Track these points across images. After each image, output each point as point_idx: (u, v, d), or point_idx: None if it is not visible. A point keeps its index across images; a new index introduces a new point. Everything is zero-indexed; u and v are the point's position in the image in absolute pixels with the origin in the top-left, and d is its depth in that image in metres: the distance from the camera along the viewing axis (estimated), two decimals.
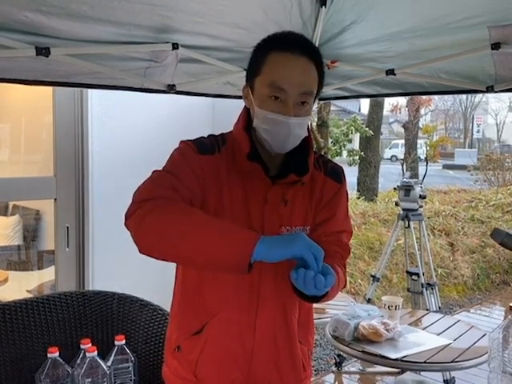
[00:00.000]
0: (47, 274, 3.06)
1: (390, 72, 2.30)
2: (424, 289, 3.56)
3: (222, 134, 1.23)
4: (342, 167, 1.32)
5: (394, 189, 4.03)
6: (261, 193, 1.16)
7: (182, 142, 1.18)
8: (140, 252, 1.06)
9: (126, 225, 1.07)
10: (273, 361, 1.22)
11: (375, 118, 9.46)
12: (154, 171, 1.14)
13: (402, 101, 14.32)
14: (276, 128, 1.11)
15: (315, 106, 2.98)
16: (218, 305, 1.18)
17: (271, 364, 1.22)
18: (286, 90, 1.09)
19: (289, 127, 1.11)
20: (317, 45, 2.33)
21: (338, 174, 1.27)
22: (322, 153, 6.89)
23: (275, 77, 1.10)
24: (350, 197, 1.35)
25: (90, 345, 1.52)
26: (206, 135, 1.24)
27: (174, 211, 1.02)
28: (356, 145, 10.51)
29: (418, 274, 3.66)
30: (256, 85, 1.14)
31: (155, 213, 1.02)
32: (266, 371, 1.21)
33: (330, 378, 3.47)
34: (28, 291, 3.16)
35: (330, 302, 3.37)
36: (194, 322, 1.20)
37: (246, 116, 1.19)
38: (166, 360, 1.30)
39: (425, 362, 2.07)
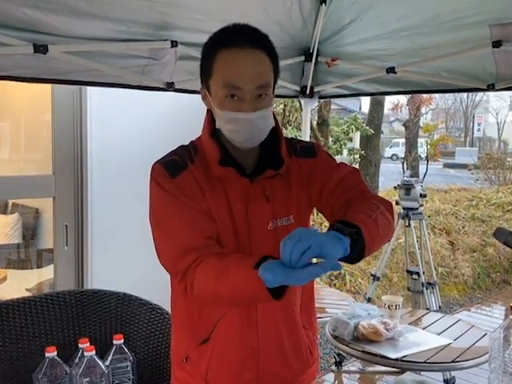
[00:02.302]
0: (46, 273, 3.05)
1: (391, 70, 2.29)
2: (424, 288, 3.56)
3: (192, 142, 1.22)
4: (313, 142, 1.30)
5: (395, 188, 4.02)
6: (241, 194, 1.15)
7: (152, 169, 1.16)
8: None
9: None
10: (280, 353, 1.21)
11: (376, 116, 9.44)
12: (158, 232, 1.14)
13: (403, 99, 14.35)
14: (238, 126, 1.10)
15: (315, 105, 2.97)
16: (222, 309, 1.17)
17: (279, 357, 1.21)
18: (240, 87, 1.08)
19: (251, 123, 1.09)
20: (317, 43, 2.33)
21: (309, 150, 1.25)
22: None
23: (228, 76, 1.08)
24: None
25: (88, 344, 1.51)
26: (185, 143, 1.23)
27: (201, 287, 1.07)
28: (356, 143, 10.49)
29: (418, 273, 3.65)
30: (211, 86, 1.12)
31: (194, 290, 1.08)
32: (275, 364, 1.21)
33: (330, 377, 3.47)
34: (27, 290, 3.16)
35: (329, 301, 3.35)
36: (202, 330, 1.19)
37: (210, 120, 1.17)
38: (174, 373, 1.29)
39: (425, 362, 2.06)
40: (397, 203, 3.96)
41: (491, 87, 2.16)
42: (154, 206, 1.16)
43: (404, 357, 2.07)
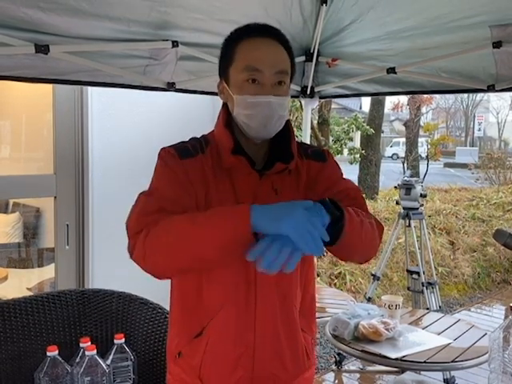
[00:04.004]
0: (47, 272, 3.06)
1: (391, 70, 2.29)
2: (424, 288, 3.56)
3: (204, 136, 1.23)
4: (324, 149, 1.32)
5: (395, 187, 4.02)
6: (250, 187, 1.15)
7: (162, 149, 1.17)
8: (159, 278, 1.07)
9: (133, 260, 1.07)
10: (276, 354, 1.21)
11: (376, 116, 9.44)
12: (140, 195, 1.13)
13: (404, 99, 14.34)
14: (257, 110, 1.11)
15: (316, 104, 2.97)
16: (218, 304, 1.17)
17: (275, 358, 1.21)
18: (261, 69, 1.10)
19: (270, 107, 1.11)
20: (317, 43, 2.33)
21: (320, 155, 1.27)
22: None
23: (249, 59, 1.11)
24: None
25: (89, 343, 1.52)
26: (199, 134, 1.24)
27: (166, 228, 1.01)
28: (357, 143, 10.49)
29: (418, 273, 3.65)
30: (231, 74, 1.15)
31: (151, 238, 1.02)
32: (270, 365, 1.20)
33: (330, 376, 3.47)
34: (28, 289, 3.16)
35: (329, 300, 3.35)
36: (194, 325, 1.19)
37: (226, 113, 1.19)
38: (169, 368, 1.29)
39: (425, 362, 2.06)
40: (397, 203, 3.96)
41: (491, 88, 2.16)
42: (153, 178, 1.16)
43: (404, 356, 2.07)
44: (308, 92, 2.60)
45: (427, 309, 3.43)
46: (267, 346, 1.19)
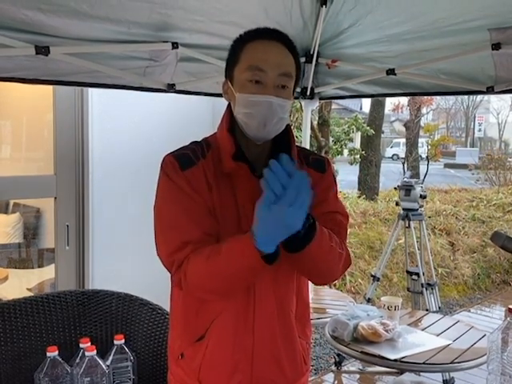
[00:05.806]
0: (47, 272, 3.06)
1: (391, 72, 2.30)
2: (424, 288, 3.56)
3: (205, 139, 1.24)
4: (325, 157, 1.33)
5: (395, 188, 4.02)
6: (249, 193, 1.14)
7: (163, 160, 1.18)
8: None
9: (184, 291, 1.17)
10: (274, 359, 1.21)
11: (376, 116, 9.45)
12: (157, 223, 1.16)
13: (404, 100, 14.35)
14: (257, 109, 1.11)
15: (316, 105, 2.98)
16: (219, 307, 1.17)
17: (273, 363, 1.21)
18: (264, 70, 1.11)
19: (270, 107, 1.11)
20: (317, 44, 2.33)
21: (320, 165, 1.27)
22: (323, 152, 6.88)
23: (253, 60, 1.12)
24: (350, 196, 1.33)
25: (89, 344, 1.52)
26: (201, 137, 1.24)
27: (196, 269, 1.09)
28: (357, 144, 10.50)
29: (418, 274, 3.66)
30: (235, 73, 1.16)
31: (189, 281, 1.11)
32: (269, 370, 1.21)
33: (330, 377, 3.48)
34: (28, 289, 3.16)
35: (329, 301, 3.34)
36: (197, 328, 1.20)
37: (229, 117, 1.19)
38: (170, 368, 1.30)
39: (424, 363, 2.06)
40: (397, 204, 3.96)
41: (490, 89, 2.16)
42: (159, 195, 1.17)
43: (403, 358, 2.07)
44: (308, 93, 2.60)
45: (427, 310, 3.43)
46: (266, 351, 1.20)
